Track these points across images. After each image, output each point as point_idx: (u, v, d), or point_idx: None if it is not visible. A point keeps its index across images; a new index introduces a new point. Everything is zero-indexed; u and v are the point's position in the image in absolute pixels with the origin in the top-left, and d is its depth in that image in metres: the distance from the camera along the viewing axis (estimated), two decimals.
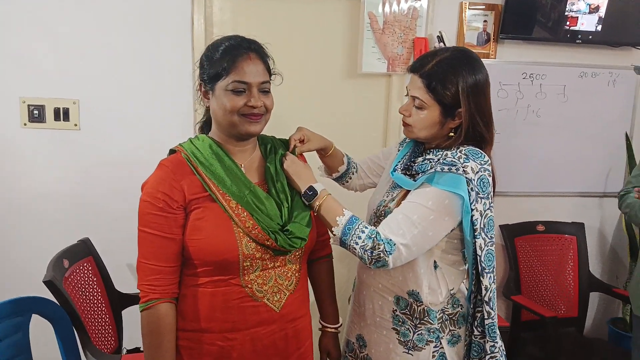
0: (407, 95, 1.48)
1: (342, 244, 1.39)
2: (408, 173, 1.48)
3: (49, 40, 2.31)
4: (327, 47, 2.54)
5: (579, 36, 2.57)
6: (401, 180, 1.47)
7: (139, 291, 1.33)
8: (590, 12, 2.53)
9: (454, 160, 1.37)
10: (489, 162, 1.41)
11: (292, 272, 1.41)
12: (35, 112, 2.33)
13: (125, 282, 2.30)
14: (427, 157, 1.45)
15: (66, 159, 2.40)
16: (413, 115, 1.45)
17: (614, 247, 2.94)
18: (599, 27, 2.57)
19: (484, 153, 1.41)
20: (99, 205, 2.45)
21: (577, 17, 2.53)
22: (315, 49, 2.53)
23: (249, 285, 1.34)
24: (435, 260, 1.46)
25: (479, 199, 1.37)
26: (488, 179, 1.39)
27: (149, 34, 2.37)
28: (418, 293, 1.45)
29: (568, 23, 2.54)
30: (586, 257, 2.78)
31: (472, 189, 1.36)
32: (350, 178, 1.78)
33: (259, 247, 1.32)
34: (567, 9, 2.52)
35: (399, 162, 1.54)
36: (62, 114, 2.35)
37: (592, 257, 2.85)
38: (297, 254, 1.40)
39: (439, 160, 1.40)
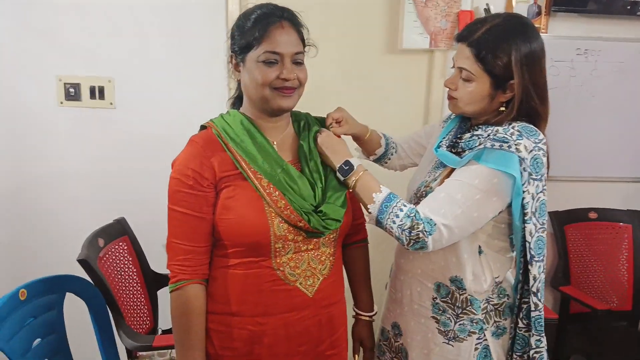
0: (453, 67, 1.37)
1: (378, 222, 1.30)
2: (453, 150, 1.38)
3: (83, 18, 2.29)
4: (366, 20, 2.42)
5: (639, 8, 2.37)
6: (446, 157, 1.36)
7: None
8: None
9: (505, 136, 1.26)
10: (544, 140, 1.29)
11: (326, 256, 1.34)
12: (72, 90, 2.33)
13: (161, 262, 2.20)
14: (475, 133, 1.34)
15: (102, 137, 2.39)
16: (460, 88, 1.34)
17: None
18: None
19: (538, 130, 1.29)
20: (134, 185, 2.43)
21: None
22: (353, 22, 2.41)
23: (281, 268, 1.28)
24: (479, 245, 1.35)
25: (531, 180, 1.25)
26: (542, 159, 1.27)
27: (182, 10, 2.32)
28: (461, 280, 1.36)
29: None
30: None
31: (524, 168, 1.24)
32: (390, 159, 1.69)
33: (291, 229, 1.26)
34: None
35: (444, 138, 1.43)
36: (97, 93, 2.34)
37: None
38: (331, 236, 1.33)
39: (488, 136, 1.29)
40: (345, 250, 1.48)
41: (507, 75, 1.27)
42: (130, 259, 2.17)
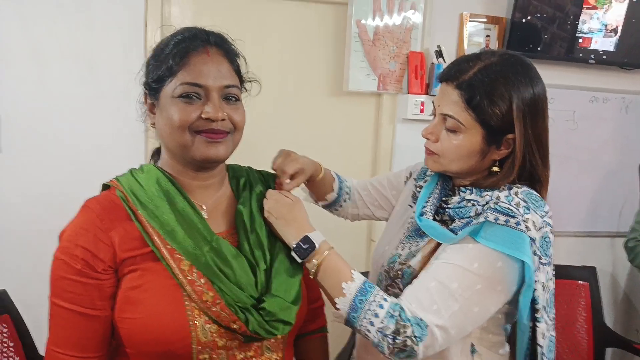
0: (432, 113, 1.09)
1: (349, 323, 0.98)
2: (438, 218, 1.09)
3: None
4: (309, 59, 2.19)
5: (592, 56, 2.31)
6: (434, 231, 1.07)
7: None
8: (607, 32, 2.27)
9: (510, 207, 0.99)
10: (550, 213, 1.03)
11: None
12: None
13: None
14: (467, 197, 1.06)
15: None
16: (442, 141, 1.06)
17: (628, 294, 2.66)
18: (614, 48, 2.31)
19: (543, 199, 1.04)
20: (21, 249, 2.02)
21: (591, 37, 2.27)
22: (295, 62, 2.18)
23: None
24: (472, 343, 1.05)
25: (540, 266, 0.99)
26: (550, 237, 1.01)
27: (92, 45, 1.99)
28: None
29: (580, 42, 2.28)
30: (600, 306, 2.45)
31: (534, 252, 0.97)
32: (342, 206, 1.38)
33: (222, 332, 0.91)
34: (580, 27, 2.25)
35: (427, 202, 1.13)
36: None
37: (606, 305, 2.55)
38: (279, 337, 0.98)
39: (487, 203, 1.01)
40: (297, 343, 1.14)
41: (506, 127, 1.02)
42: (13, 344, 1.74)
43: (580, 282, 2.46)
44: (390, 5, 2.12)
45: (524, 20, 2.20)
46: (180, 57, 0.93)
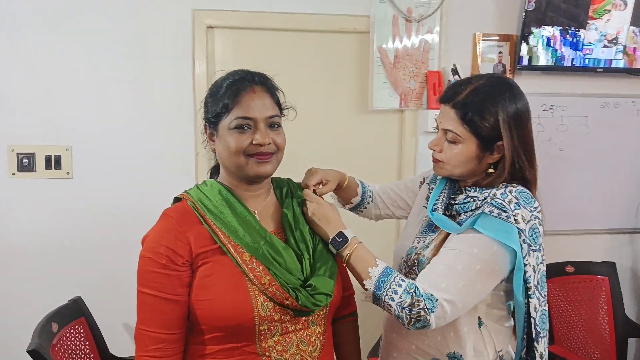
0: (436, 129, 1.32)
1: (376, 299, 1.20)
2: (447, 213, 1.30)
3: (40, 84, 2.18)
4: (336, 82, 2.41)
5: (599, 65, 2.46)
6: (443, 222, 1.28)
7: (134, 355, 1.15)
8: (609, 42, 2.42)
9: (503, 203, 1.19)
10: (539, 208, 1.24)
11: (316, 336, 1.21)
12: (25, 160, 2.17)
13: (121, 344, 2.09)
14: (470, 194, 1.27)
15: (57, 209, 2.24)
16: (445, 151, 1.28)
17: None
18: (619, 55, 2.45)
19: (534, 197, 1.24)
20: (92, 260, 2.27)
21: (591, 48, 2.42)
22: (323, 85, 2.40)
23: (267, 353, 1.14)
24: (479, 317, 1.26)
25: (531, 252, 1.19)
26: (539, 229, 1.22)
27: (146, 77, 2.25)
28: (461, 356, 1.25)
29: (586, 52, 2.43)
30: (620, 299, 2.57)
31: (523, 240, 1.18)
32: (366, 208, 1.61)
33: (277, 308, 1.13)
34: (584, 38, 2.40)
35: (437, 200, 1.35)
36: (53, 162, 2.19)
37: (626, 299, 2.65)
38: (321, 313, 1.21)
39: (485, 199, 1.22)
40: (333, 325, 1.35)
41: (495, 136, 1.23)
42: (87, 343, 1.96)
43: (600, 276, 2.59)
44: (408, 30, 2.34)
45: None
46: (234, 97, 1.16)
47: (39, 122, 2.19)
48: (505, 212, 1.19)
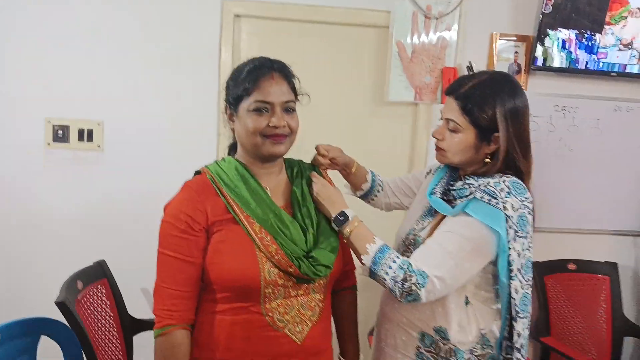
0: (441, 119, 1.42)
1: (372, 274, 1.32)
2: (446, 198, 1.41)
3: (77, 62, 2.33)
4: (355, 73, 2.52)
5: (614, 69, 2.51)
6: (439, 205, 1.39)
7: (151, 317, 1.28)
8: (624, 46, 2.47)
9: (495, 191, 1.29)
10: (531, 198, 1.33)
11: (315, 302, 1.33)
12: (60, 132, 2.33)
13: (139, 306, 2.25)
14: (467, 181, 1.37)
15: (88, 179, 2.39)
16: (447, 139, 1.39)
17: None
18: (634, 60, 2.50)
19: (526, 187, 1.34)
20: (118, 228, 2.42)
21: (606, 52, 2.47)
22: (342, 75, 2.51)
23: (270, 314, 1.27)
24: (467, 296, 1.37)
25: (517, 238, 1.29)
26: (528, 217, 1.31)
27: (175, 61, 2.38)
28: (446, 330, 1.36)
29: (601, 56, 2.48)
30: (620, 299, 2.64)
31: (510, 226, 1.28)
32: (376, 196, 1.72)
33: (281, 274, 1.26)
34: (598, 42, 2.46)
35: (437, 185, 1.47)
36: (86, 135, 2.34)
37: (626, 299, 2.71)
38: (321, 282, 1.33)
39: (479, 186, 1.32)
40: (333, 297, 1.48)
41: (492, 127, 1.33)
42: (108, 302, 2.11)
43: (602, 276, 2.66)
44: (427, 27, 2.43)
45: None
46: (254, 82, 1.28)
47: (74, 98, 2.34)
48: (495, 198, 1.28)
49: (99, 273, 2.09)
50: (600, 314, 2.65)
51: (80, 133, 2.35)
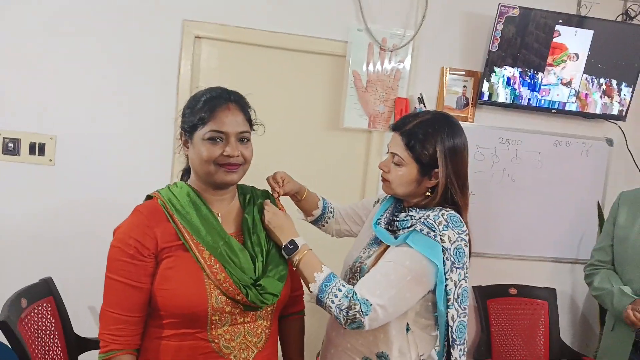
0: (387, 152, 1.50)
1: (319, 301, 1.37)
2: (390, 228, 1.48)
3: (33, 78, 2.30)
4: (311, 100, 2.58)
5: (554, 106, 2.66)
6: (383, 235, 1.47)
7: (97, 336, 1.28)
8: (564, 85, 2.63)
9: (434, 224, 1.37)
10: (467, 232, 1.42)
11: (262, 329, 1.37)
12: (10, 145, 2.29)
13: (85, 325, 2.22)
14: (410, 213, 1.45)
15: (37, 194, 2.35)
16: (392, 172, 1.47)
17: (585, 313, 2.95)
18: (573, 99, 2.66)
19: (463, 222, 1.42)
20: (65, 245, 2.38)
21: (549, 89, 2.62)
22: (299, 101, 2.56)
23: (216, 340, 1.29)
24: (408, 323, 1.43)
25: (454, 269, 1.37)
26: (464, 250, 1.40)
27: (134, 77, 2.38)
28: (387, 356, 1.43)
29: (543, 94, 2.63)
30: (557, 323, 2.77)
31: (447, 258, 1.36)
32: (327, 222, 1.79)
33: (229, 301, 1.29)
34: (541, 80, 2.61)
35: (382, 215, 1.54)
36: (37, 149, 2.31)
37: (563, 323, 2.84)
38: (268, 309, 1.37)
39: (420, 218, 1.40)
40: (281, 321, 1.52)
41: (433, 164, 1.42)
42: (54, 321, 2.08)
43: (541, 300, 2.80)
44: (382, 58, 2.52)
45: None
46: (210, 111, 1.31)
47: (27, 112, 2.30)
48: (433, 231, 1.37)
49: (44, 290, 2.06)
50: (539, 337, 2.78)
51: (32, 147, 2.31)
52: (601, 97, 2.68)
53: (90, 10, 2.31)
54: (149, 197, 1.40)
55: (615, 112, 2.71)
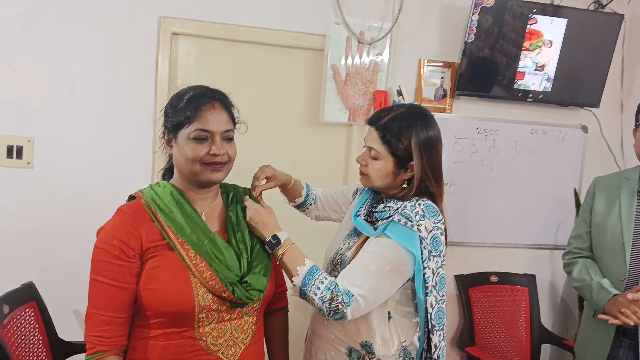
0: (365, 146, 1.52)
1: (302, 294, 1.39)
2: (369, 219, 1.51)
3: (9, 78, 2.25)
4: (291, 95, 2.57)
5: (530, 95, 2.70)
6: (362, 226, 1.50)
7: (82, 340, 1.28)
8: (536, 70, 2.67)
9: (411, 215, 1.40)
10: (442, 220, 1.46)
11: (248, 325, 1.38)
12: None
13: (70, 329, 2.20)
14: (388, 204, 1.48)
15: (15, 197, 2.31)
16: (369, 165, 1.50)
17: (565, 298, 3.02)
18: (548, 87, 2.71)
19: (439, 211, 1.45)
20: (46, 248, 2.35)
21: (524, 72, 2.65)
22: (278, 97, 2.56)
23: (204, 338, 1.30)
24: (389, 311, 1.47)
25: (431, 257, 1.40)
26: (440, 238, 1.43)
27: (111, 76, 2.34)
28: (371, 344, 1.45)
29: (518, 80, 2.66)
30: (538, 308, 2.83)
31: (424, 247, 1.39)
32: (308, 208, 1.84)
33: (215, 299, 1.29)
34: (518, 65, 2.64)
35: (361, 207, 1.57)
36: (15, 152, 2.27)
37: (543, 308, 2.91)
38: (254, 306, 1.38)
39: (397, 209, 1.43)
40: (265, 318, 1.53)
41: (408, 156, 1.45)
42: (37, 326, 2.06)
43: (521, 287, 2.85)
44: (360, 51, 2.53)
45: (471, 65, 2.61)
46: (195, 110, 1.30)
47: (4, 114, 2.26)
48: (410, 221, 1.40)
49: (27, 295, 2.03)
50: (520, 323, 2.83)
51: (9, 149, 2.27)
52: (574, 83, 2.72)
53: (66, 9, 2.27)
54: (131, 197, 1.39)
55: (589, 99, 2.76)
